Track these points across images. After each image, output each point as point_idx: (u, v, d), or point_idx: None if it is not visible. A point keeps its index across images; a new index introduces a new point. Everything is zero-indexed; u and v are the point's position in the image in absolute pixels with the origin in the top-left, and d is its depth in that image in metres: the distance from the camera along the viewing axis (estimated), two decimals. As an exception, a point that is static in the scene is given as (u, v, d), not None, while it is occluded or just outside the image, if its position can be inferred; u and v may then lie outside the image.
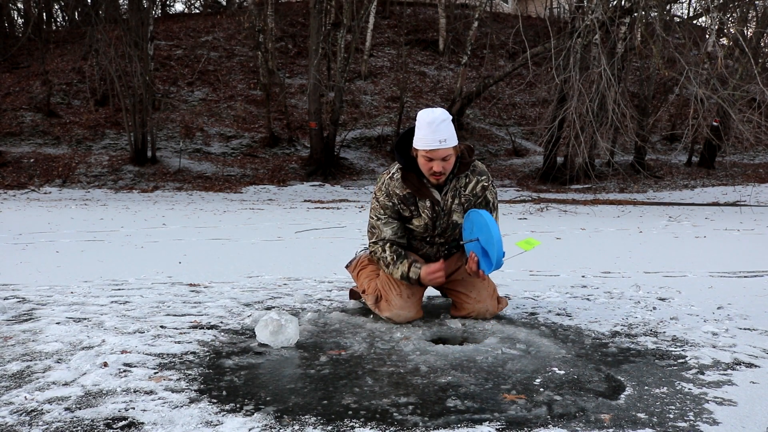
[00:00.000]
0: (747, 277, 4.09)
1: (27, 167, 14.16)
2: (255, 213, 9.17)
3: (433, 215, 2.71)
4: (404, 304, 2.78)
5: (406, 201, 2.70)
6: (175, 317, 2.83)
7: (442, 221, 2.73)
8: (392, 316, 2.77)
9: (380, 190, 2.74)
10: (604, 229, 7.36)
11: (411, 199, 2.69)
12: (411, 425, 1.68)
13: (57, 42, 20.51)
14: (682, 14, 16.15)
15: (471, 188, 2.72)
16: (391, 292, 2.81)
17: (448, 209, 2.71)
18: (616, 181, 15.40)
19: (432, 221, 2.72)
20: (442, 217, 2.72)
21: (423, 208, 2.70)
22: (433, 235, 2.78)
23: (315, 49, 14.06)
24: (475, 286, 2.82)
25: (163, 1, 26.88)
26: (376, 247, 2.78)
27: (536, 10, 22.37)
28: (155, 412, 1.74)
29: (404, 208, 2.71)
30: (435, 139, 2.51)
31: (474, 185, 2.72)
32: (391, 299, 2.79)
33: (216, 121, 17.35)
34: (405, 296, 2.79)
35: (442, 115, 2.54)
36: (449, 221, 2.74)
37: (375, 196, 2.77)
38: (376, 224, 2.76)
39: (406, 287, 2.81)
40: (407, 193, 2.69)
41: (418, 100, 19.11)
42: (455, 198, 2.71)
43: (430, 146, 2.52)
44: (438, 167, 2.56)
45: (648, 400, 1.87)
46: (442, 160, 2.56)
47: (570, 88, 9.77)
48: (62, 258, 4.72)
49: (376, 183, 2.80)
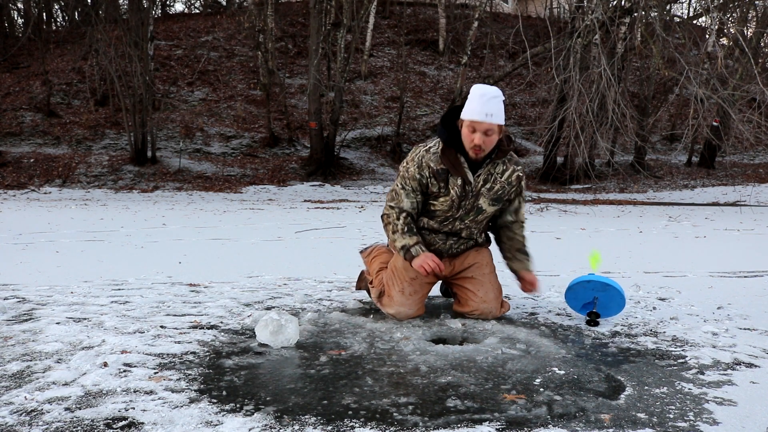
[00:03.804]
0: (747, 277, 4.09)
1: (27, 167, 14.16)
2: (255, 213, 9.17)
3: (461, 194, 2.71)
4: (405, 301, 2.80)
5: (438, 176, 2.68)
6: (175, 317, 2.83)
7: (468, 202, 2.73)
8: (394, 312, 2.80)
9: (413, 161, 2.72)
10: (604, 229, 7.36)
11: (443, 175, 2.68)
12: (411, 425, 1.68)
13: (57, 42, 20.51)
14: (682, 14, 16.17)
15: (507, 176, 2.74)
16: (394, 288, 2.82)
17: (476, 191, 2.71)
18: (616, 181, 15.41)
19: (459, 200, 2.72)
20: (470, 198, 2.72)
21: (453, 185, 2.69)
22: (455, 216, 2.77)
23: (315, 49, 14.06)
24: (483, 285, 2.82)
25: (163, 1, 26.89)
26: (392, 211, 2.77)
27: (536, 10, 22.36)
28: (155, 412, 1.74)
29: (434, 182, 2.70)
30: (483, 112, 2.55)
31: (510, 174, 2.75)
32: (393, 295, 2.82)
33: (216, 121, 17.35)
34: (407, 293, 2.81)
35: (495, 92, 2.60)
36: (475, 204, 2.74)
37: (405, 165, 2.75)
38: (399, 191, 2.76)
39: (408, 284, 2.82)
40: (441, 168, 2.68)
41: (418, 100, 19.11)
42: (486, 182, 2.71)
43: (477, 117, 2.55)
44: (479, 140, 2.57)
45: (648, 400, 1.87)
46: (485, 134, 2.57)
47: (570, 88, 9.77)
48: (62, 258, 4.72)
49: (410, 154, 2.77)
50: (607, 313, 2.85)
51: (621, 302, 2.79)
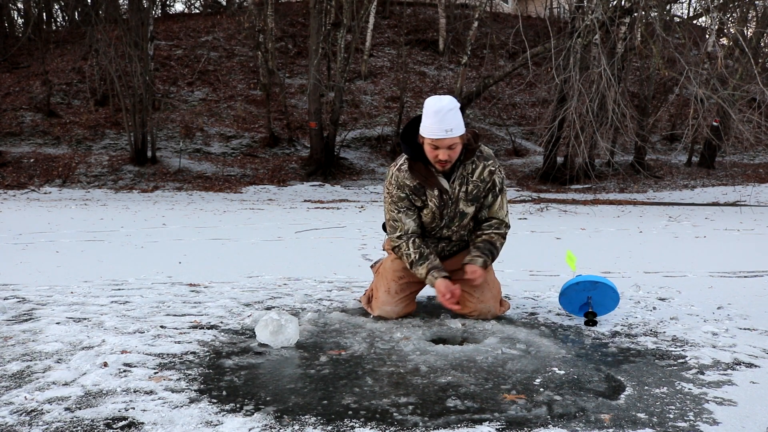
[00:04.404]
0: (747, 277, 4.09)
1: (27, 167, 14.16)
2: (255, 213, 9.17)
3: (440, 204, 2.71)
4: (389, 299, 2.81)
5: (417, 191, 2.71)
6: (175, 317, 2.83)
7: (449, 210, 2.74)
8: (380, 314, 2.81)
9: (391, 184, 2.74)
10: (604, 229, 7.36)
11: (420, 189, 2.71)
12: (411, 425, 1.68)
13: (57, 42, 20.51)
14: (682, 14, 16.16)
15: (478, 174, 2.71)
16: (380, 289, 2.84)
17: (455, 197, 2.72)
18: (616, 181, 15.41)
19: (439, 210, 2.72)
20: (450, 206, 2.73)
21: (431, 197, 2.70)
22: (440, 225, 2.78)
23: (315, 49, 14.06)
24: (479, 285, 2.81)
25: (163, 1, 26.88)
26: (401, 242, 2.75)
27: (536, 10, 22.36)
28: (155, 412, 1.74)
29: (416, 198, 2.73)
30: (441, 129, 2.49)
31: (481, 171, 2.71)
32: (379, 296, 2.83)
33: (216, 121, 17.35)
34: (392, 292, 2.81)
35: (450, 104, 2.50)
36: (456, 210, 2.75)
37: (388, 190, 2.76)
38: (397, 217, 2.75)
39: (395, 283, 2.82)
40: (417, 184, 2.69)
41: (418, 100, 19.11)
42: (462, 185, 2.70)
43: (437, 135, 2.51)
44: (444, 155, 2.56)
45: (648, 400, 1.87)
46: (448, 149, 2.55)
47: (570, 88, 9.76)
48: (62, 258, 4.72)
49: (386, 178, 2.78)
50: (604, 309, 2.86)
51: (615, 296, 2.80)
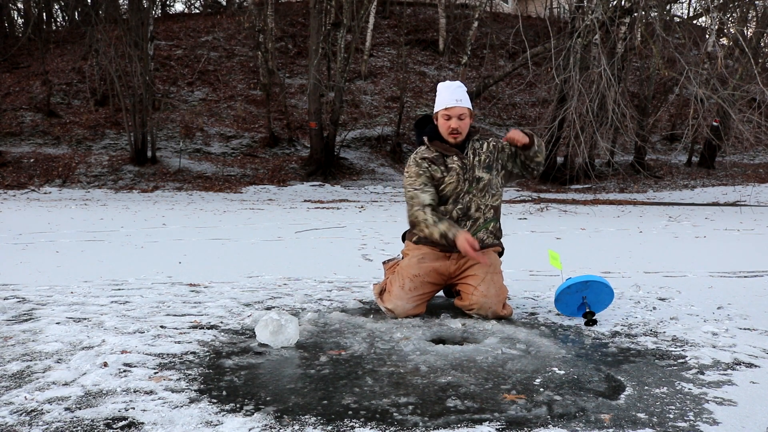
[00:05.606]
0: (747, 277, 4.09)
1: (27, 167, 14.16)
2: (255, 213, 9.17)
3: (462, 166, 2.96)
4: (403, 294, 2.87)
5: (436, 161, 2.97)
6: (175, 317, 2.83)
7: (468, 174, 2.96)
8: (391, 307, 2.88)
9: (410, 166, 3.02)
10: (604, 229, 7.36)
11: (440, 159, 2.97)
12: (411, 425, 1.68)
13: (57, 42, 20.52)
14: (682, 14, 16.16)
15: (486, 147, 3.04)
16: (395, 284, 2.92)
17: (471, 164, 2.98)
18: (616, 181, 15.41)
19: (463, 172, 2.95)
20: (468, 171, 2.96)
21: (452, 162, 2.96)
22: (463, 189, 2.95)
23: (315, 49, 14.06)
24: (485, 281, 2.85)
25: (163, 1, 26.89)
26: (418, 212, 2.92)
27: (536, 10, 22.37)
28: (155, 412, 1.74)
29: (435, 168, 2.97)
30: (452, 98, 2.93)
31: (488, 144, 3.05)
32: (392, 290, 2.91)
33: (216, 121, 17.35)
34: (407, 289, 2.88)
35: (458, 83, 3.03)
36: (474, 175, 2.97)
37: (407, 171, 3.03)
38: (414, 193, 2.96)
39: (410, 281, 2.89)
40: (435, 155, 2.98)
41: (418, 100, 19.11)
42: (475, 156, 3.00)
43: (448, 104, 2.92)
44: (456, 124, 2.92)
45: (648, 400, 1.87)
46: (459, 119, 2.92)
47: (570, 88, 9.77)
48: (62, 258, 4.72)
49: (406, 167, 3.06)
50: (601, 306, 2.90)
51: (609, 291, 2.85)
